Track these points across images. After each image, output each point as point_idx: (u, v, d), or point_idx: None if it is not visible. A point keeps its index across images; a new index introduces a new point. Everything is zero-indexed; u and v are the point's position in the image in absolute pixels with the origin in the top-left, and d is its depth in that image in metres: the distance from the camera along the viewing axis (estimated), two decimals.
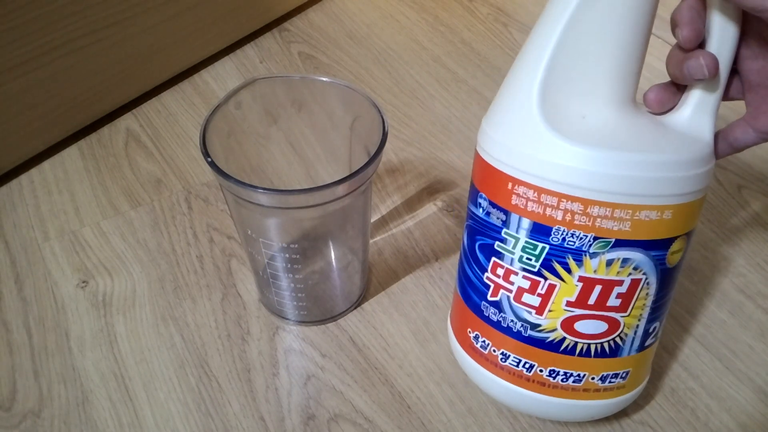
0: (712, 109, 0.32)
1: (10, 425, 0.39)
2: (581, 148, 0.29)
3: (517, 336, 0.34)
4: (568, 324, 0.33)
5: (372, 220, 0.50)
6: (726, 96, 0.33)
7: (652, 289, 0.32)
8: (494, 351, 0.35)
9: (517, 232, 0.32)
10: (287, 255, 0.38)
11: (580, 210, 0.30)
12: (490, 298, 0.34)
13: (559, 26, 0.30)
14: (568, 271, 0.31)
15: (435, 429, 0.39)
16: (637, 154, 0.29)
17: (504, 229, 0.32)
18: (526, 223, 0.31)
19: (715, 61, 0.30)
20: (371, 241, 0.49)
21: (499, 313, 0.34)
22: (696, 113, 0.32)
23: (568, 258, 0.31)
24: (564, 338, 0.33)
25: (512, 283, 0.33)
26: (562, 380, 0.34)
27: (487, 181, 0.33)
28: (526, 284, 0.33)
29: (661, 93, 0.32)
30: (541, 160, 0.30)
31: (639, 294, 0.32)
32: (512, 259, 0.33)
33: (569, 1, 0.30)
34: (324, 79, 0.39)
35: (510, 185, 0.31)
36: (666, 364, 0.42)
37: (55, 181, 0.53)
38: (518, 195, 0.31)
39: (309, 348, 0.43)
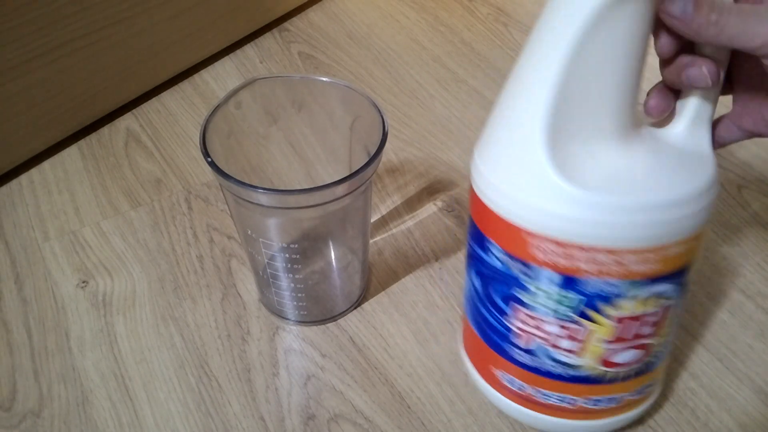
0: (708, 118, 0.31)
1: (10, 425, 0.39)
2: (603, 199, 0.28)
3: (557, 377, 0.33)
4: (607, 359, 0.33)
5: (372, 220, 0.50)
6: None
7: (677, 309, 0.33)
8: (531, 390, 0.35)
9: (544, 284, 0.30)
10: (287, 255, 0.38)
11: (612, 260, 0.29)
12: (520, 344, 0.33)
13: (559, 61, 0.27)
14: (606, 316, 0.31)
15: (435, 429, 0.39)
16: (656, 197, 0.28)
17: (527, 280, 0.31)
18: (554, 276, 0.30)
19: (716, 70, 0.29)
20: (371, 241, 0.49)
21: (534, 358, 0.33)
22: (693, 126, 0.31)
23: (605, 304, 0.30)
24: (605, 372, 0.33)
25: (545, 331, 0.32)
26: (604, 405, 0.35)
27: (498, 230, 0.31)
28: (562, 332, 0.32)
29: (659, 99, 0.32)
30: (563, 216, 0.28)
31: (669, 316, 0.33)
32: (543, 310, 0.31)
33: (569, 34, 0.27)
34: (324, 79, 0.39)
35: (529, 239, 0.29)
36: (666, 364, 0.42)
37: (55, 181, 0.53)
38: (541, 249, 0.29)
39: (309, 348, 0.43)
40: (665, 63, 0.31)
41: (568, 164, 0.28)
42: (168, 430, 0.39)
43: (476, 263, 0.34)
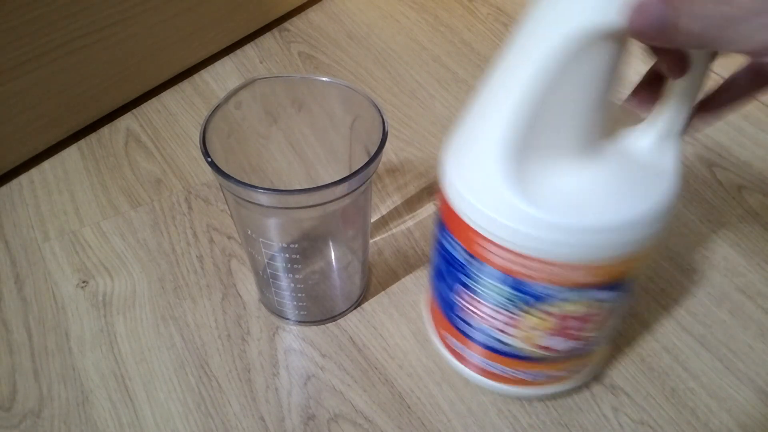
0: (678, 132, 0.30)
1: (10, 425, 0.39)
2: (552, 219, 0.29)
3: (489, 348, 0.36)
4: (540, 345, 0.35)
5: (372, 220, 0.50)
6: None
7: (618, 308, 0.34)
8: (469, 354, 0.38)
9: (485, 276, 0.32)
10: (287, 255, 0.38)
11: (554, 270, 0.30)
12: (462, 316, 0.36)
13: (525, 83, 0.27)
14: (541, 311, 0.32)
15: (435, 429, 0.39)
16: (604, 220, 0.29)
17: (471, 270, 0.33)
18: (497, 273, 0.32)
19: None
20: (371, 241, 0.49)
21: (470, 328, 0.36)
22: (662, 141, 0.31)
23: (542, 303, 0.32)
24: (538, 353, 0.35)
25: (481, 311, 0.34)
26: (531, 378, 0.37)
27: (453, 223, 0.33)
28: (498, 316, 0.34)
29: (642, 96, 0.31)
30: (506, 225, 0.29)
31: (607, 317, 0.34)
32: (481, 295, 0.33)
33: (537, 62, 0.27)
34: (324, 79, 0.39)
35: (478, 239, 0.31)
36: (666, 364, 0.42)
37: (55, 181, 0.53)
38: (485, 248, 0.31)
39: (309, 348, 0.43)
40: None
41: (523, 180, 0.29)
42: (168, 430, 0.39)
43: (436, 242, 0.36)
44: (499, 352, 0.36)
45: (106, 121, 0.58)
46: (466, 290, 0.34)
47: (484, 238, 0.31)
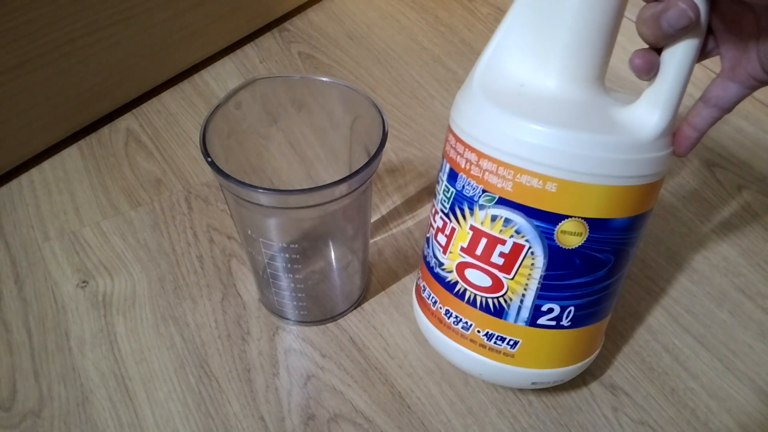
0: (666, 102, 0.31)
1: (10, 425, 0.39)
2: (487, 105, 0.32)
3: (431, 271, 0.37)
4: (460, 269, 0.35)
5: (372, 220, 0.50)
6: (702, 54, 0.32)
7: (539, 261, 0.33)
8: (419, 282, 0.39)
9: (442, 175, 0.35)
10: (287, 255, 0.38)
11: (475, 161, 0.32)
12: (426, 242, 0.38)
13: None
14: (464, 217, 0.34)
15: (435, 429, 0.39)
16: (532, 122, 0.30)
17: (440, 175, 0.36)
18: (447, 167, 0.35)
19: (694, 3, 0.28)
20: (371, 241, 0.49)
21: (428, 252, 0.38)
22: (650, 109, 0.31)
23: (465, 205, 0.33)
24: (457, 281, 0.35)
25: (435, 223, 0.36)
26: (453, 322, 0.36)
27: (446, 139, 0.36)
28: (441, 224, 0.36)
29: (643, 57, 0.31)
30: (462, 111, 0.33)
31: (523, 261, 0.33)
32: (437, 200, 0.36)
33: None
34: (324, 79, 0.39)
35: (449, 136, 0.35)
36: (666, 364, 0.42)
37: (55, 181, 0.53)
38: (448, 142, 0.35)
39: (309, 348, 0.43)
40: (643, 22, 0.29)
41: (493, 80, 0.33)
42: (168, 430, 0.39)
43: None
44: (437, 278, 0.37)
45: (106, 121, 0.58)
46: (434, 201, 0.37)
47: (451, 132, 0.34)
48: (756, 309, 0.45)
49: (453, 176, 0.34)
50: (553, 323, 0.34)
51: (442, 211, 0.35)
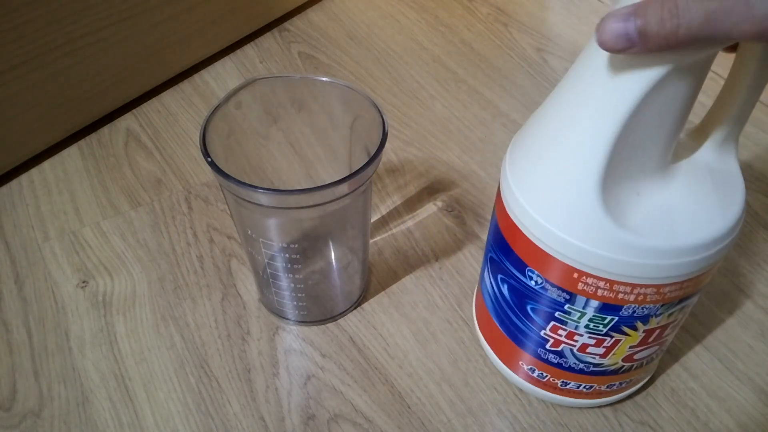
0: (735, 137, 0.31)
1: (10, 425, 0.39)
2: (651, 244, 0.29)
3: (580, 372, 0.36)
4: (628, 358, 0.35)
5: (372, 220, 0.50)
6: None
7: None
8: (554, 380, 0.38)
9: (583, 308, 0.32)
10: (287, 255, 0.38)
11: (653, 291, 0.30)
12: (548, 347, 0.36)
13: (618, 119, 0.27)
14: (635, 329, 0.33)
15: (435, 429, 0.39)
16: (698, 237, 0.29)
17: (567, 305, 0.32)
18: (594, 303, 0.32)
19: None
20: (371, 241, 0.49)
21: (561, 358, 0.36)
22: (721, 148, 0.31)
23: (636, 322, 0.32)
24: (624, 366, 0.36)
25: (576, 341, 0.34)
26: (617, 387, 0.38)
27: (542, 262, 0.32)
28: (592, 341, 0.34)
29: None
30: (614, 259, 0.29)
31: (684, 317, 0.35)
32: (577, 326, 0.33)
33: (631, 94, 0.27)
34: (324, 79, 0.39)
35: (576, 275, 0.31)
36: (666, 364, 0.42)
37: (55, 181, 0.53)
38: (586, 284, 0.31)
39: (309, 348, 0.43)
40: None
41: (616, 209, 0.29)
42: (168, 430, 0.39)
43: (506, 276, 0.35)
44: (594, 373, 0.36)
45: (106, 121, 0.58)
46: (556, 322, 0.34)
47: (585, 274, 0.30)
48: (756, 309, 0.45)
49: (611, 308, 0.31)
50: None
51: (592, 332, 0.33)
